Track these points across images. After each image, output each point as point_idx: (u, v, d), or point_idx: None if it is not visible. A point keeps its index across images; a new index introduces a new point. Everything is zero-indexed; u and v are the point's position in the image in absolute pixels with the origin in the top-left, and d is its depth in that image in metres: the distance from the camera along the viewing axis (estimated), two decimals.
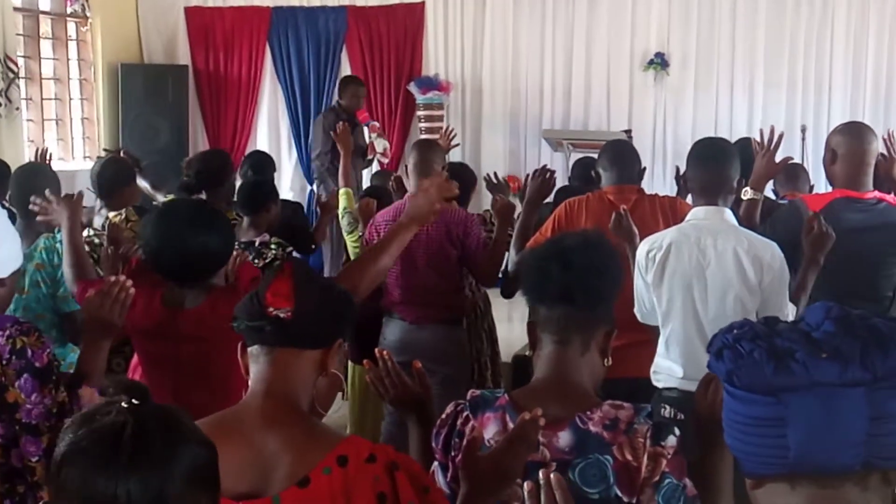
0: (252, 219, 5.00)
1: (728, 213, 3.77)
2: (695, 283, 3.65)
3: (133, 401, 1.43)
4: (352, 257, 5.89)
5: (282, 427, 1.92)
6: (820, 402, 1.28)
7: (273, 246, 4.76)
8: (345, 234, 5.92)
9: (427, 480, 1.95)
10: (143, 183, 6.17)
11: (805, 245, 3.75)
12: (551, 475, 1.70)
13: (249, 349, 2.04)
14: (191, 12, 10.34)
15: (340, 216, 5.97)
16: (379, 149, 8.54)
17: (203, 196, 5.32)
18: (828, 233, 3.73)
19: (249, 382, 2.02)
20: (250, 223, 5.00)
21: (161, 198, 5.95)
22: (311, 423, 1.99)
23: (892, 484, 1.34)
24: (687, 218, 3.83)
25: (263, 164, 6.41)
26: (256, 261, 4.48)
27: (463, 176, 5.57)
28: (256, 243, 4.74)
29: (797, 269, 3.87)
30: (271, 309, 1.97)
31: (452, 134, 6.65)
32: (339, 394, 3.21)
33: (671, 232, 3.78)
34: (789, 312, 3.59)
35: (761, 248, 3.66)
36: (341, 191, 6.14)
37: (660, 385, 3.75)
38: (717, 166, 3.83)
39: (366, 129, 8.66)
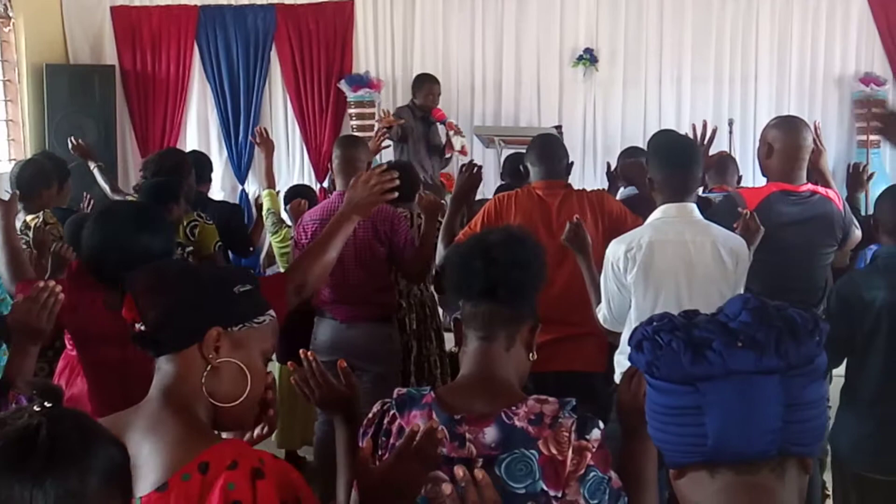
0: None
1: (696, 209, 3.83)
2: (679, 279, 3.71)
3: (46, 404, 1.39)
4: (277, 258, 5.88)
5: (158, 431, 1.87)
6: (736, 390, 1.30)
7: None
8: (269, 234, 5.90)
9: (300, 490, 1.85)
10: (102, 184, 6.08)
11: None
12: (476, 472, 1.70)
13: None
14: (117, 12, 10.17)
15: (265, 216, 5.95)
16: (457, 146, 8.45)
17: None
18: (759, 228, 3.81)
19: None
20: None
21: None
22: (192, 427, 1.91)
23: (808, 471, 1.37)
24: (656, 216, 3.85)
25: (201, 165, 6.33)
26: None
27: (409, 175, 5.57)
28: None
29: None
30: (135, 325, 1.97)
31: (384, 135, 6.63)
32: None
33: (646, 230, 3.81)
34: None
35: (733, 241, 3.77)
36: (265, 192, 6.15)
37: None
38: (682, 165, 3.86)
39: (441, 127, 8.62)
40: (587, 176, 9.60)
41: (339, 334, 4.73)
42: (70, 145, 6.05)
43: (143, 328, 1.97)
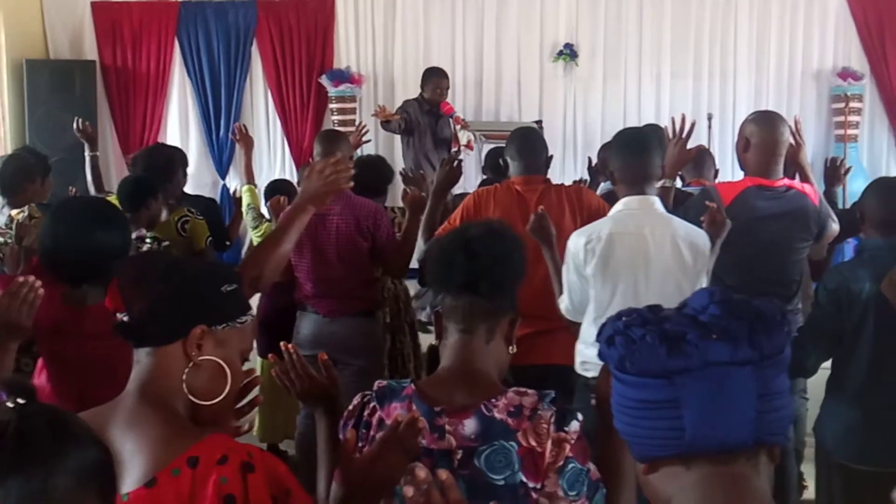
0: (132, 216, 4.85)
1: (658, 202, 3.85)
2: (637, 271, 3.72)
3: (18, 400, 1.36)
4: None
5: (141, 426, 1.86)
6: (713, 382, 1.32)
7: (148, 240, 4.67)
8: (250, 229, 5.90)
9: (290, 483, 1.87)
10: (88, 176, 6.05)
11: (706, 232, 3.85)
12: (439, 472, 1.71)
13: None
14: (97, 7, 10.14)
15: (244, 212, 5.95)
16: (462, 140, 8.41)
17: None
18: (725, 221, 3.84)
19: None
20: (130, 220, 4.83)
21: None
22: (175, 422, 1.91)
23: (776, 459, 1.40)
24: (617, 208, 3.87)
25: (159, 160, 6.31)
26: None
27: (380, 169, 5.59)
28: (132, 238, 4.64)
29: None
30: (119, 315, 1.96)
31: (364, 130, 6.63)
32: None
33: (607, 222, 3.83)
34: None
35: (694, 234, 3.78)
36: (245, 187, 6.14)
37: (588, 374, 3.79)
38: (643, 156, 3.89)
39: (450, 121, 8.59)
40: (567, 170, 9.63)
41: (321, 328, 4.74)
42: (76, 126, 5.98)
43: (126, 318, 1.96)
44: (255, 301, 4.43)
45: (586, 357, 3.83)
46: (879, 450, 3.70)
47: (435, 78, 8.61)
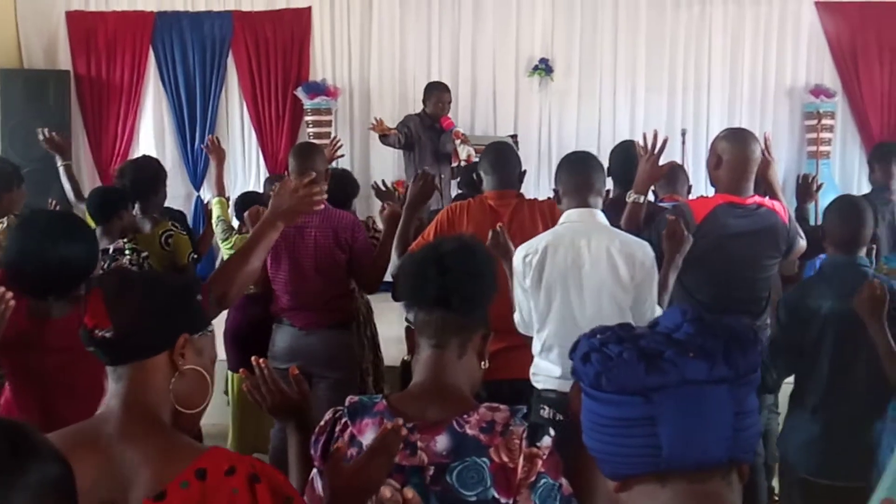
0: (104, 227, 4.84)
1: (600, 215, 3.86)
2: (571, 283, 3.73)
3: None
4: None
5: (140, 441, 1.87)
6: (690, 400, 1.32)
7: (127, 251, 4.66)
8: (219, 241, 5.88)
9: (290, 491, 1.90)
10: (66, 185, 6.01)
11: (665, 246, 3.87)
12: (405, 491, 1.71)
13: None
14: (72, 17, 10.09)
15: (214, 224, 5.93)
16: (462, 155, 8.32)
17: (136, 205, 5.23)
18: (686, 237, 3.85)
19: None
20: (103, 231, 4.80)
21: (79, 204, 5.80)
22: (172, 435, 1.94)
23: (745, 478, 1.40)
24: (560, 221, 3.90)
25: (151, 173, 6.28)
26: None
27: (345, 182, 5.59)
28: (110, 250, 4.62)
29: (685, 272, 4.01)
30: (97, 331, 1.93)
31: (339, 144, 6.63)
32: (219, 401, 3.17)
33: (546, 235, 3.85)
34: (656, 311, 3.71)
35: (633, 246, 3.77)
36: (214, 200, 6.11)
37: (539, 386, 3.82)
38: (582, 168, 3.94)
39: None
40: (542, 185, 9.65)
41: (297, 341, 4.72)
42: (41, 137, 5.93)
43: (106, 334, 1.93)
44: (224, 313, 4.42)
45: (537, 369, 3.85)
46: (839, 464, 3.75)
47: (437, 92, 8.57)
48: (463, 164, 8.27)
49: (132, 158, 7.36)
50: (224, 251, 5.81)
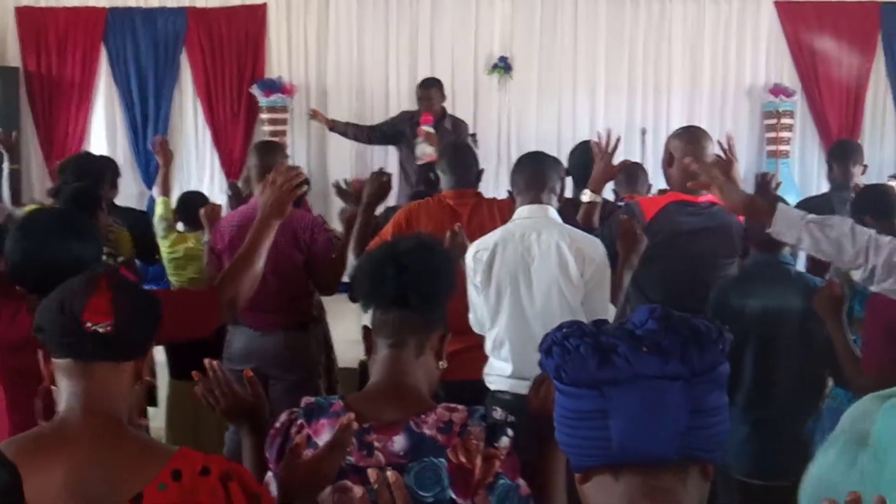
0: None
1: (552, 211, 3.86)
2: (521, 279, 3.73)
3: None
4: (165, 263, 5.81)
5: (110, 443, 1.85)
6: (640, 394, 1.34)
7: (104, 255, 4.60)
8: (159, 238, 5.84)
9: (258, 488, 1.91)
10: (4, 189, 5.90)
11: (619, 246, 3.87)
12: (388, 474, 1.69)
13: (57, 360, 1.93)
14: (22, 13, 9.96)
15: (156, 223, 5.89)
16: (417, 153, 8.21)
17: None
18: (639, 236, 3.85)
19: (61, 396, 1.92)
20: None
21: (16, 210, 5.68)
22: (139, 437, 1.93)
23: (710, 478, 1.41)
24: (513, 217, 3.89)
25: (105, 169, 6.21)
26: None
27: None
28: None
29: (638, 270, 4.00)
30: (89, 324, 1.88)
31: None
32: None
33: (497, 232, 3.85)
34: (609, 309, 3.72)
35: (584, 242, 3.77)
36: (159, 200, 6.07)
37: (492, 387, 3.81)
38: (534, 166, 3.96)
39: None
40: (501, 184, 9.62)
41: (253, 342, 4.67)
42: None
43: (101, 329, 1.89)
44: None
45: (489, 369, 3.86)
46: (771, 464, 3.77)
47: (421, 89, 8.47)
48: (418, 162, 8.23)
49: (74, 155, 7.26)
50: (163, 249, 5.77)
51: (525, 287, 3.72)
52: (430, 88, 8.41)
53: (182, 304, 3.07)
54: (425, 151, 8.09)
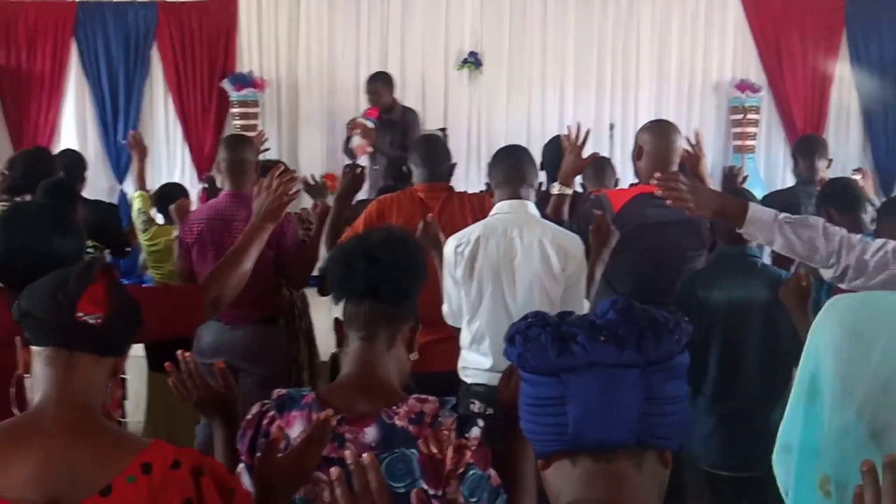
0: None
1: (532, 206, 3.88)
2: (503, 274, 3.74)
3: None
4: (146, 256, 5.81)
5: (84, 435, 1.85)
6: (597, 381, 1.38)
7: (90, 249, 4.59)
8: (140, 233, 5.83)
9: (232, 482, 1.92)
10: None
11: (591, 240, 3.89)
12: (364, 456, 1.71)
13: (36, 348, 1.93)
14: None
15: (135, 217, 5.88)
16: (351, 144, 8.11)
17: (28, 197, 5.08)
18: (611, 229, 3.88)
19: (38, 385, 1.92)
20: None
21: None
22: (113, 430, 1.94)
23: (668, 465, 1.45)
24: (492, 212, 3.90)
25: (74, 164, 6.20)
26: None
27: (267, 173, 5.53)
28: None
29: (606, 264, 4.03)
30: (81, 314, 1.89)
31: (264, 137, 6.57)
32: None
33: (478, 226, 3.85)
34: (584, 304, 3.74)
35: (565, 238, 3.79)
36: (136, 194, 6.07)
37: (468, 380, 3.81)
38: (514, 160, 3.97)
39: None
40: (471, 178, 9.66)
41: (223, 336, 4.66)
42: None
43: (91, 320, 1.90)
44: None
45: (465, 362, 3.86)
46: (737, 455, 3.81)
47: (367, 84, 8.45)
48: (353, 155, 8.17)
49: (24, 150, 7.22)
50: (143, 244, 5.76)
51: (507, 282, 3.74)
52: (376, 83, 8.41)
53: (165, 301, 3.06)
54: (356, 143, 8.13)
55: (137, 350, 4.91)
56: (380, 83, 8.39)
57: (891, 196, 8.35)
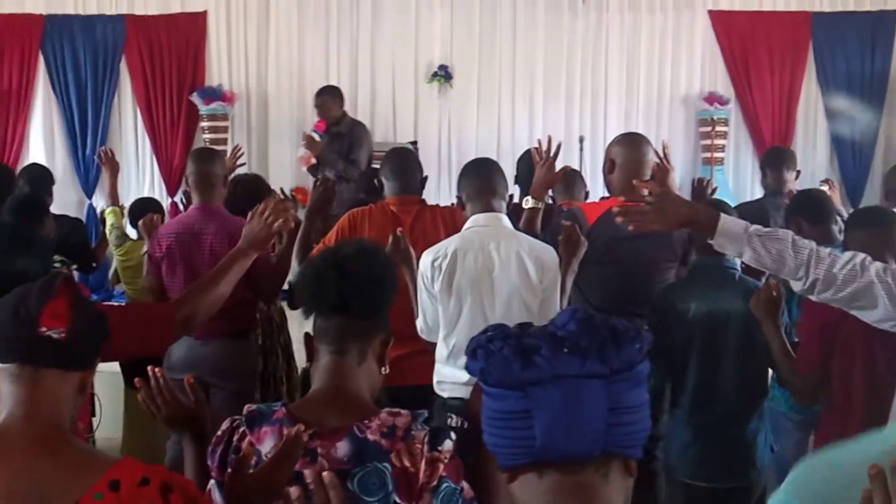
0: None
1: (505, 219, 3.88)
2: (481, 287, 3.74)
3: None
4: (119, 272, 5.77)
5: (51, 452, 1.83)
6: (562, 393, 1.37)
7: (56, 264, 4.55)
8: (113, 248, 5.79)
9: (201, 500, 1.91)
10: None
11: (561, 250, 3.90)
12: (325, 474, 1.69)
13: (1, 365, 1.90)
14: None
15: (108, 232, 5.84)
16: (298, 154, 8.25)
17: None
18: (580, 240, 3.89)
19: (2, 402, 1.89)
20: None
21: None
22: (80, 446, 1.92)
23: (633, 474, 1.44)
24: (467, 226, 3.89)
25: (41, 178, 6.15)
26: None
27: (256, 188, 5.51)
28: None
29: (580, 275, 4.04)
30: (44, 328, 1.86)
31: (240, 153, 6.55)
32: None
33: (454, 240, 3.84)
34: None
35: (541, 250, 3.80)
36: (108, 209, 6.03)
37: (444, 394, 3.80)
38: (484, 172, 3.99)
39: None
40: (442, 191, 9.67)
41: (193, 351, 4.62)
42: None
43: (55, 335, 1.87)
44: None
45: (441, 376, 3.85)
46: (715, 466, 3.82)
47: (314, 98, 8.52)
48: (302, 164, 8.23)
49: None
50: (117, 259, 5.72)
51: (487, 295, 3.73)
52: (323, 95, 8.48)
53: (135, 319, 3.01)
54: (300, 154, 8.23)
55: (114, 366, 4.88)
56: (327, 96, 8.45)
57: (858, 208, 8.44)
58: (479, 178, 3.95)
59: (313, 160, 7.83)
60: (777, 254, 2.89)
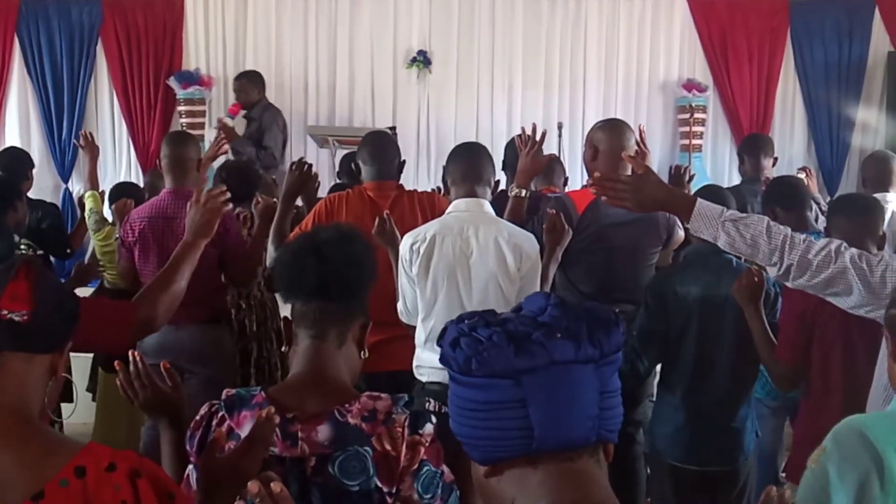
0: None
1: (487, 206, 3.88)
2: (458, 272, 3.74)
3: None
4: (99, 256, 5.73)
5: (15, 440, 1.79)
6: (558, 380, 1.35)
7: (23, 247, 4.52)
8: (92, 233, 5.75)
9: (172, 487, 1.86)
10: None
11: (545, 239, 3.90)
12: (273, 485, 1.68)
13: None
14: None
15: (87, 217, 5.81)
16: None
17: None
18: (564, 229, 3.89)
19: None
20: None
21: None
22: (47, 433, 1.87)
23: (609, 456, 1.43)
24: (448, 210, 3.89)
25: (18, 161, 6.10)
26: None
27: (246, 174, 5.49)
28: None
29: (569, 264, 4.04)
30: (5, 311, 1.82)
31: (223, 141, 6.51)
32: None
33: (434, 224, 3.85)
34: None
35: (520, 237, 3.80)
36: (87, 194, 5.99)
37: (423, 379, 3.80)
38: (470, 157, 4.00)
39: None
40: (420, 177, 9.66)
41: (167, 336, 4.54)
42: None
43: (16, 318, 1.83)
44: None
45: (420, 361, 3.86)
46: (705, 450, 3.84)
47: (234, 81, 8.76)
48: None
49: None
50: (96, 243, 5.69)
51: (463, 280, 3.74)
52: (240, 80, 8.68)
53: (94, 316, 2.98)
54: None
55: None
56: (245, 80, 8.63)
57: (836, 195, 8.48)
58: (466, 163, 3.95)
59: (226, 146, 7.78)
60: (751, 239, 2.90)
